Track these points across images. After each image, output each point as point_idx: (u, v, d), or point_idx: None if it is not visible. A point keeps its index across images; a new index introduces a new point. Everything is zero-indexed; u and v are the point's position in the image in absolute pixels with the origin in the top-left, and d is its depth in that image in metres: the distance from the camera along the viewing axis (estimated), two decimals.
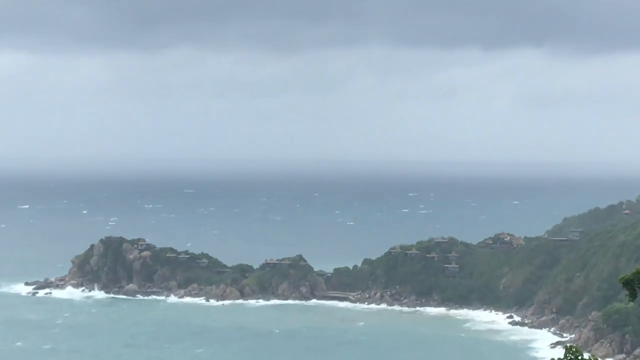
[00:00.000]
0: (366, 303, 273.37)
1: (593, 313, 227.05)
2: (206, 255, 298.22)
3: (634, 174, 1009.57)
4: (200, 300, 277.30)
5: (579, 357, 35.48)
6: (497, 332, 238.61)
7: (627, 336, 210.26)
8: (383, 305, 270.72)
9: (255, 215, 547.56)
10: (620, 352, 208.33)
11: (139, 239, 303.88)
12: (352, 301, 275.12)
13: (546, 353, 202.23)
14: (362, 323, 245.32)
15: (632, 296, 37.65)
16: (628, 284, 37.65)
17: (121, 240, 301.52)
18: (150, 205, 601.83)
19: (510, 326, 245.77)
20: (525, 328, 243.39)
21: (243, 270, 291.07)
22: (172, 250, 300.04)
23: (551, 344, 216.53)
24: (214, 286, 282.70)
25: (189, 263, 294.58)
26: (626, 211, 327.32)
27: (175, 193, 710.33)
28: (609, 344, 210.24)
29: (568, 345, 36.56)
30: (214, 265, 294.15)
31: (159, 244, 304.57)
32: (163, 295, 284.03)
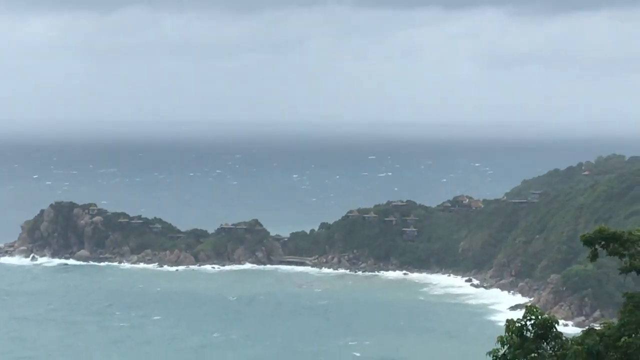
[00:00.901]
0: (324, 268, 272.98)
1: (552, 276, 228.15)
2: (159, 221, 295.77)
3: (594, 135, 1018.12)
4: (154, 266, 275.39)
5: (539, 317, 34.41)
6: (456, 295, 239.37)
7: (586, 299, 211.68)
8: (341, 270, 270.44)
9: (210, 180, 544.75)
10: (580, 314, 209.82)
11: (90, 204, 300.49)
12: (309, 266, 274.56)
13: (505, 316, 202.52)
14: (319, 289, 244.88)
15: (594, 257, 36.47)
16: (589, 242, 36.47)
17: (72, 206, 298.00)
18: (103, 170, 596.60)
19: (469, 289, 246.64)
20: (484, 291, 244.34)
21: (197, 235, 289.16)
22: (124, 215, 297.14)
23: (510, 307, 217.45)
24: (167, 252, 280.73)
25: (142, 228, 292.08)
26: (585, 172, 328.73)
27: (129, 157, 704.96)
28: (568, 307, 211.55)
29: (529, 305, 35.58)
30: (168, 231, 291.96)
31: (112, 209, 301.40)
32: (116, 262, 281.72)
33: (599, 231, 36.33)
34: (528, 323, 34.68)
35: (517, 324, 34.85)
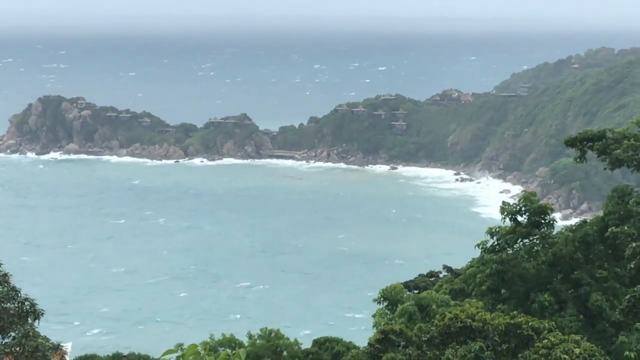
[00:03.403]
0: (313, 162, 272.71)
1: (540, 169, 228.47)
2: (148, 114, 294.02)
3: (584, 27, 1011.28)
4: (143, 160, 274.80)
5: (536, 204, 34.25)
6: (444, 189, 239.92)
7: (574, 191, 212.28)
8: (330, 164, 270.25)
9: (200, 74, 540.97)
10: (567, 207, 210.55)
11: (78, 98, 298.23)
12: (298, 160, 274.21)
13: (493, 209, 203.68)
14: (308, 182, 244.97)
15: (581, 157, 36.11)
16: (571, 144, 36.10)
17: (60, 99, 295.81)
18: (91, 63, 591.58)
19: (457, 183, 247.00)
20: (472, 184, 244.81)
21: (186, 129, 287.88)
22: (113, 109, 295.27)
23: (499, 200, 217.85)
24: (157, 146, 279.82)
25: (131, 122, 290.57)
26: (575, 65, 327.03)
27: (118, 50, 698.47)
28: (555, 200, 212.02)
29: (525, 192, 35.33)
30: (157, 125, 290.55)
31: (100, 103, 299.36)
32: (105, 155, 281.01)
33: (583, 133, 36.18)
34: (523, 209, 34.64)
35: (512, 208, 34.79)
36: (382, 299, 39.84)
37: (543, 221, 34.43)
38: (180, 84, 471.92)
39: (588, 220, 35.70)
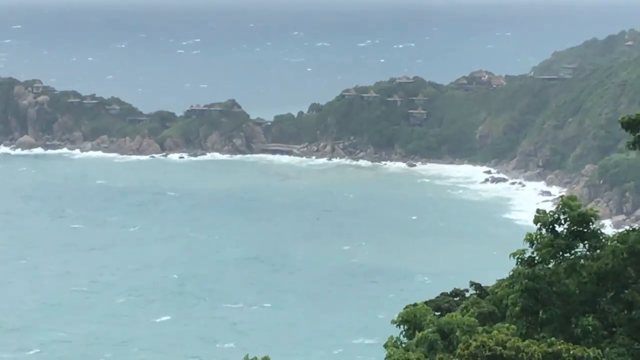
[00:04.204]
0: (314, 157, 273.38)
1: (587, 166, 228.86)
2: (118, 101, 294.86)
3: None
4: (112, 155, 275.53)
5: (576, 211, 34.03)
6: (472, 190, 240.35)
7: (627, 194, 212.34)
8: (334, 161, 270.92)
9: (180, 52, 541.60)
10: (620, 212, 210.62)
11: (34, 81, 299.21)
12: (296, 155, 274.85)
13: (529, 215, 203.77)
14: (309, 182, 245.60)
15: (637, 143, 35.74)
16: (630, 126, 35.79)
17: (12, 82, 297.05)
18: (51, 39, 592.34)
19: (487, 183, 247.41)
20: (506, 185, 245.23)
21: (163, 118, 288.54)
22: (75, 94, 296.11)
23: (536, 204, 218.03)
24: (127, 138, 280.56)
25: (97, 110, 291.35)
26: (629, 42, 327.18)
27: (83, 23, 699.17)
28: (605, 203, 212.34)
29: (564, 196, 35.18)
30: (128, 113, 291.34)
31: (60, 87, 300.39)
32: (66, 149, 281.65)
33: None
34: (562, 217, 34.41)
35: (549, 217, 34.55)
36: (402, 321, 39.35)
37: (586, 230, 34.31)
38: (156, 64, 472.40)
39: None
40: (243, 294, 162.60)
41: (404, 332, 38.78)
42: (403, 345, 37.52)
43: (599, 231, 34.64)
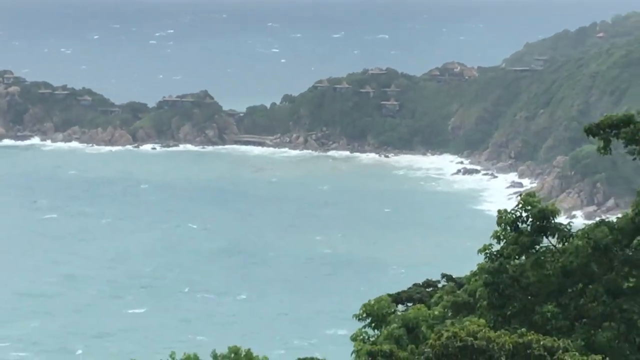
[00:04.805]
0: (287, 149, 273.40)
1: (559, 158, 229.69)
2: (89, 92, 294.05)
3: None
4: (83, 146, 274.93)
5: (536, 207, 34.47)
6: (444, 181, 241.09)
7: (598, 184, 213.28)
8: (307, 152, 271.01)
9: (153, 42, 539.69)
10: (591, 203, 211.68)
11: (4, 71, 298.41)
12: (269, 147, 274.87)
13: (501, 205, 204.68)
14: (281, 173, 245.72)
15: (606, 147, 36.06)
16: (592, 132, 36.21)
17: None
18: (21, 29, 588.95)
19: (459, 174, 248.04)
20: (478, 176, 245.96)
21: (135, 109, 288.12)
22: (46, 84, 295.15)
23: (508, 195, 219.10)
24: (99, 129, 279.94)
25: (68, 101, 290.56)
26: (600, 34, 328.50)
27: (55, 12, 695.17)
28: (577, 194, 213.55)
29: (523, 194, 35.59)
30: (99, 104, 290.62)
31: (31, 78, 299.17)
32: (37, 141, 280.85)
33: (607, 118, 35.94)
34: (524, 214, 34.69)
35: (510, 215, 34.88)
36: (364, 315, 39.57)
37: (549, 225, 34.59)
38: (129, 55, 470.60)
39: (612, 219, 35.63)
40: (218, 285, 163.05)
41: (367, 325, 39.00)
42: (370, 339, 37.88)
43: (561, 225, 34.93)
